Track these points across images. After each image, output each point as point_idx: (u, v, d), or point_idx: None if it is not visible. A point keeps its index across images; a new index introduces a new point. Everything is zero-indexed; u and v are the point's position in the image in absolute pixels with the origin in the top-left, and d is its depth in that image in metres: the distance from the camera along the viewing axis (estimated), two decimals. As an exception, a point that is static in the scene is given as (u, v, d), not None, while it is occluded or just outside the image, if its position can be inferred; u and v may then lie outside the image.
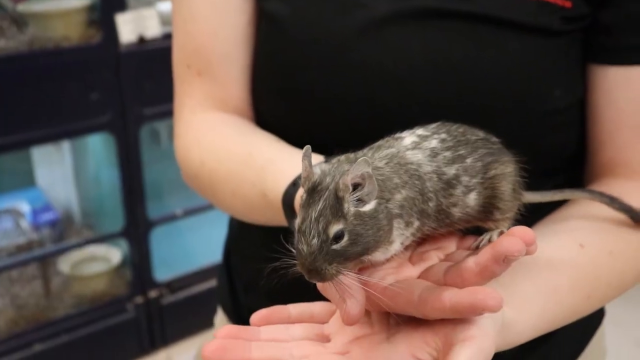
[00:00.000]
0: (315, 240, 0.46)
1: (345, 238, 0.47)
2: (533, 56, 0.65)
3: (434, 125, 0.55)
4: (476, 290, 0.45)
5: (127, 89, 1.99)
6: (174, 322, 2.32)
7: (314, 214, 0.47)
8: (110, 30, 1.93)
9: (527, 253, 0.46)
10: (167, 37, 1.99)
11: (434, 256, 0.54)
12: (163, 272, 2.29)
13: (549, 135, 0.68)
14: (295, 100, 0.71)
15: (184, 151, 0.78)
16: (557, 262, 0.60)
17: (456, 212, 0.53)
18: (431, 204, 0.51)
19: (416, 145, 0.52)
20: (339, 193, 0.47)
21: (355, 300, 0.46)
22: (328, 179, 0.48)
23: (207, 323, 2.33)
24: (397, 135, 0.55)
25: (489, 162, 0.54)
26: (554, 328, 0.60)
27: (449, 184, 0.52)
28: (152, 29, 1.98)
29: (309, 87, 0.69)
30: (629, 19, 0.66)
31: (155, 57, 1.99)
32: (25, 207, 2.29)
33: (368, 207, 0.47)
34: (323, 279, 0.47)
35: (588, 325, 0.83)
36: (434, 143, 0.53)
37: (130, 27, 1.93)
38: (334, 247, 0.47)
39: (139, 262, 2.20)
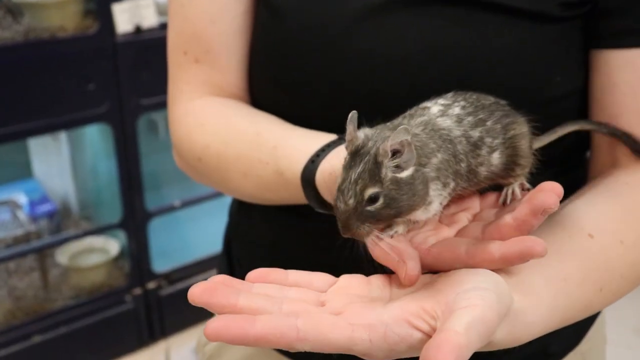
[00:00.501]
0: (351, 201, 0.50)
1: (380, 201, 0.50)
2: (533, 42, 0.65)
3: (449, 94, 0.58)
4: (522, 239, 0.48)
5: (124, 80, 1.98)
6: (173, 314, 2.32)
7: (353, 176, 0.50)
8: (107, 20, 1.91)
9: None
10: (164, 26, 1.97)
11: (463, 217, 0.57)
12: (161, 263, 2.29)
13: (548, 122, 0.67)
14: (293, 88, 0.70)
15: (185, 135, 0.77)
16: (566, 253, 0.59)
17: (483, 171, 0.56)
18: (463, 165, 0.54)
19: (443, 113, 0.56)
20: (378, 158, 0.50)
21: (415, 262, 0.49)
22: (370, 144, 0.51)
23: (206, 314, 2.33)
24: (423, 105, 0.57)
25: (506, 123, 0.57)
26: (566, 323, 0.58)
27: (476, 146, 0.55)
28: (149, 19, 1.96)
29: (307, 75, 0.69)
30: (629, 3, 0.65)
31: (153, 47, 1.98)
32: (22, 198, 2.28)
33: (405, 174, 0.50)
34: (354, 235, 0.51)
35: None
36: (457, 110, 0.56)
37: (126, 16, 1.92)
38: (368, 208, 0.50)
39: (137, 253, 2.20)
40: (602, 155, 0.71)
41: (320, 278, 0.53)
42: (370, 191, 0.50)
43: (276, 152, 0.68)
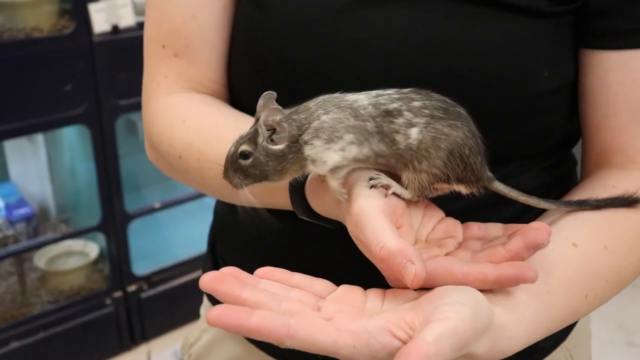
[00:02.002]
0: (232, 149, 0.60)
1: (249, 160, 0.59)
2: (521, 36, 0.64)
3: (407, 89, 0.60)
4: (516, 264, 0.53)
5: (102, 80, 1.96)
6: (154, 317, 2.30)
7: (243, 135, 0.60)
8: (83, 20, 1.89)
9: None
10: (142, 26, 1.95)
11: (450, 243, 0.59)
12: (142, 265, 2.26)
13: (536, 117, 0.67)
14: (279, 81, 0.69)
15: (165, 131, 0.76)
16: (550, 265, 0.59)
17: (401, 139, 0.58)
18: (369, 124, 0.57)
19: (366, 93, 0.59)
20: (257, 127, 0.59)
21: (422, 263, 0.51)
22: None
23: (187, 317, 2.32)
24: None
25: (438, 115, 0.58)
26: (551, 332, 0.59)
27: (389, 114, 0.58)
28: (126, 18, 1.94)
29: (293, 68, 0.68)
30: (621, 3, 0.65)
31: (131, 46, 1.95)
32: (-1, 202, 2.24)
33: (276, 147, 0.58)
34: (227, 179, 0.60)
35: None
36: (388, 91, 0.59)
37: (103, 16, 1.89)
38: (240, 161, 0.59)
39: (117, 256, 2.17)
40: (592, 155, 0.71)
41: (321, 284, 0.55)
42: (243, 148, 0.59)
43: None
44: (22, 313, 2.09)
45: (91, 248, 2.27)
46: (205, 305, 0.93)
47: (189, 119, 0.75)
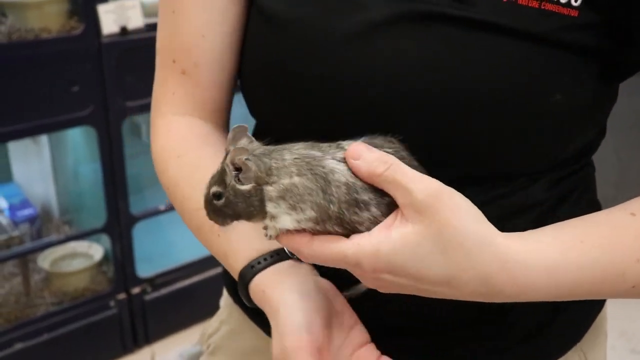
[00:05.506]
0: (206, 192, 0.60)
1: (222, 200, 0.59)
2: (532, 63, 0.63)
3: (378, 138, 0.60)
4: None
5: (109, 82, 1.96)
6: (157, 319, 2.29)
7: (213, 174, 0.60)
8: (92, 21, 1.89)
9: None
10: (151, 28, 1.95)
11: None
12: (146, 268, 2.26)
13: (548, 135, 0.66)
14: (291, 101, 0.69)
15: (163, 156, 0.78)
16: (595, 220, 0.59)
17: (362, 229, 0.57)
18: (332, 207, 0.56)
19: (343, 160, 0.57)
20: (224, 166, 0.58)
21: None
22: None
23: (190, 319, 2.31)
24: (341, 142, 0.59)
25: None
26: (600, 288, 0.59)
27: (357, 204, 0.56)
28: (135, 20, 1.94)
29: (304, 88, 0.67)
30: None
31: (138, 48, 1.95)
32: (2, 203, 2.24)
33: (243, 187, 0.58)
34: (211, 219, 0.60)
35: (590, 309, 0.84)
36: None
37: (112, 17, 1.89)
38: (215, 202, 0.59)
39: (121, 258, 2.17)
40: None
41: None
42: (214, 189, 0.59)
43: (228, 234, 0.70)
44: (26, 314, 2.08)
45: (95, 250, 2.27)
46: (225, 297, 0.93)
47: (184, 156, 0.76)
